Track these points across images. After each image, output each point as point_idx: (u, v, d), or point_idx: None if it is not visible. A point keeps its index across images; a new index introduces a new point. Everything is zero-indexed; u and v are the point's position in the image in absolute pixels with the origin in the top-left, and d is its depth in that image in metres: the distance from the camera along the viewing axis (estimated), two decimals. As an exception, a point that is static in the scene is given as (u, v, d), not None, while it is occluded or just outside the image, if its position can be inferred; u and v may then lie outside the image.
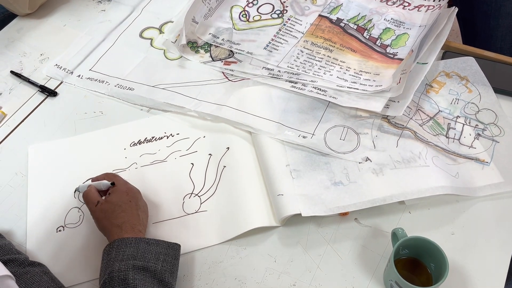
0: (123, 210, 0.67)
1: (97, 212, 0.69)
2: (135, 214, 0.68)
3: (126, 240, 0.63)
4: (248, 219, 0.72)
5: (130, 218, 0.67)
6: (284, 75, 0.88)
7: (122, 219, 0.67)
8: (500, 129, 0.81)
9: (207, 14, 0.99)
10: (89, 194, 0.70)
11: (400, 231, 0.65)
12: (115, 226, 0.66)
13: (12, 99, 0.92)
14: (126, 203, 0.68)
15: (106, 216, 0.67)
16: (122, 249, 0.62)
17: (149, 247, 0.64)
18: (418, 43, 0.87)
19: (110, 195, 0.70)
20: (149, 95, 0.89)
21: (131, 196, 0.70)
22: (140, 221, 0.68)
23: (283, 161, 0.76)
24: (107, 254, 0.64)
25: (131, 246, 0.63)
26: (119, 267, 0.60)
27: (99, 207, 0.68)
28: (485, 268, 0.67)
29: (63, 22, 1.05)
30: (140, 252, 0.63)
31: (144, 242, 0.64)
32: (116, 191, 0.70)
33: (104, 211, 0.68)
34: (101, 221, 0.68)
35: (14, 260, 0.65)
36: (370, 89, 0.83)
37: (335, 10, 0.99)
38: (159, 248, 0.64)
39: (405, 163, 0.75)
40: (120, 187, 0.71)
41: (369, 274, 0.68)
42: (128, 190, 0.70)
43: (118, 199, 0.68)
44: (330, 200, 0.71)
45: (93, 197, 0.70)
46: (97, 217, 0.69)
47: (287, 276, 0.68)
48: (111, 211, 0.67)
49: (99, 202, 0.69)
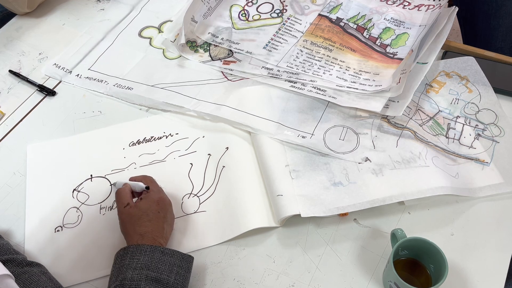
0: (150, 220, 0.66)
1: (124, 214, 0.67)
2: (160, 226, 0.66)
3: (141, 248, 0.62)
4: (247, 220, 0.71)
5: (154, 229, 0.65)
6: (284, 75, 0.88)
7: (146, 228, 0.65)
8: (500, 129, 0.80)
9: (207, 13, 0.99)
10: (122, 193, 0.69)
11: (400, 232, 0.64)
12: (138, 234, 0.65)
13: (11, 98, 0.92)
14: (154, 213, 0.67)
15: (132, 221, 0.66)
16: (137, 257, 0.61)
17: (163, 257, 0.62)
18: (418, 43, 0.87)
19: (141, 200, 0.68)
20: (148, 94, 0.88)
21: (161, 206, 0.68)
22: (164, 234, 0.67)
23: (282, 161, 0.76)
24: (120, 259, 0.62)
25: (145, 255, 0.62)
26: (131, 276, 0.60)
27: (127, 210, 0.67)
28: (485, 269, 0.67)
29: (62, 21, 1.05)
30: (154, 262, 0.61)
31: (159, 252, 0.62)
32: (148, 198, 0.68)
33: (131, 215, 0.67)
34: (125, 225, 0.67)
35: (12, 260, 0.65)
36: (370, 89, 0.83)
37: (335, 9, 0.98)
38: (174, 259, 0.63)
39: (404, 164, 0.75)
40: (153, 194, 0.69)
41: (368, 275, 0.68)
42: (159, 200, 0.69)
43: (147, 206, 0.67)
44: (329, 200, 0.71)
45: (125, 198, 0.68)
46: (123, 219, 0.67)
47: (286, 277, 0.68)
48: (137, 217, 0.66)
49: (128, 204, 0.68)
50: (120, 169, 0.80)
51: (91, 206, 0.76)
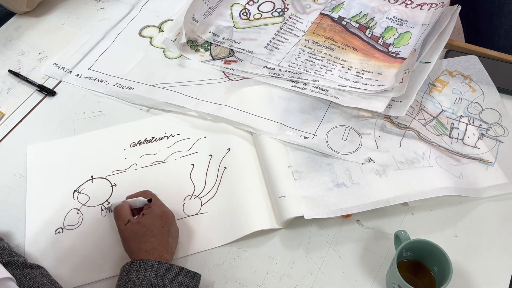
0: (154, 235, 0.64)
1: (126, 232, 0.65)
2: (165, 241, 0.65)
3: (148, 263, 0.61)
4: (250, 222, 0.71)
5: (159, 245, 0.64)
6: (285, 75, 0.87)
7: (151, 244, 0.64)
8: (504, 129, 0.80)
9: (207, 12, 0.98)
10: (121, 210, 0.67)
11: (403, 233, 0.64)
12: (143, 251, 0.63)
13: (10, 99, 0.91)
14: (158, 228, 0.65)
15: (135, 238, 0.64)
16: (143, 273, 0.60)
17: (170, 275, 0.61)
18: (421, 42, 0.86)
19: (144, 216, 0.66)
20: (148, 94, 0.88)
21: (164, 220, 0.66)
22: (169, 249, 0.65)
23: (285, 162, 0.75)
24: (126, 274, 0.61)
25: (152, 271, 0.60)
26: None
27: (129, 227, 0.65)
28: (489, 270, 0.67)
29: (61, 20, 1.04)
30: (161, 279, 0.60)
31: (166, 269, 0.61)
32: (151, 213, 0.66)
33: (134, 232, 0.65)
34: (129, 243, 0.65)
35: (12, 262, 0.65)
36: (372, 89, 0.82)
37: (336, 8, 0.98)
38: (181, 277, 0.62)
39: (408, 164, 0.74)
40: (155, 209, 0.67)
41: (371, 277, 0.67)
42: (162, 214, 0.67)
43: (151, 222, 0.65)
44: (332, 202, 0.70)
45: (124, 215, 0.66)
46: (125, 237, 0.66)
47: (289, 279, 0.68)
48: (141, 234, 0.64)
49: (129, 221, 0.66)
50: (121, 170, 0.80)
51: (92, 208, 0.76)
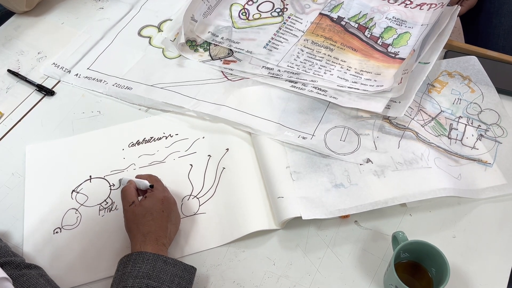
0: (153, 219, 0.65)
1: (128, 213, 0.67)
2: (163, 226, 0.66)
3: (144, 255, 0.62)
4: (248, 222, 0.71)
5: (158, 229, 0.65)
6: (284, 75, 0.87)
7: (149, 227, 0.65)
8: (503, 130, 0.80)
9: (206, 12, 0.98)
10: (127, 191, 0.69)
11: (401, 234, 0.64)
12: (140, 233, 0.64)
13: (9, 98, 0.91)
14: (158, 212, 0.66)
15: (135, 219, 0.66)
16: (139, 265, 0.61)
17: (165, 267, 0.62)
18: (420, 42, 0.86)
19: (146, 199, 0.68)
20: (147, 94, 0.88)
21: (165, 205, 0.68)
22: (167, 234, 0.66)
23: (283, 163, 0.75)
24: (123, 266, 0.62)
25: (148, 263, 0.61)
26: (132, 284, 0.59)
27: (132, 208, 0.67)
28: (487, 271, 0.67)
29: (61, 20, 1.04)
30: (156, 271, 0.61)
31: (161, 261, 0.62)
32: (152, 196, 0.68)
33: (134, 214, 0.66)
34: (129, 223, 0.67)
35: (10, 262, 0.65)
36: (371, 89, 0.82)
37: (336, 8, 0.97)
38: (176, 270, 0.62)
39: (407, 165, 0.74)
40: (157, 193, 0.69)
41: (369, 278, 0.67)
42: (164, 199, 0.68)
43: (151, 205, 0.67)
44: (331, 202, 0.70)
45: (130, 196, 0.68)
46: (127, 217, 0.67)
47: (286, 280, 0.68)
48: (141, 215, 0.66)
49: (134, 203, 0.68)
50: (119, 170, 0.80)
51: (90, 208, 0.76)
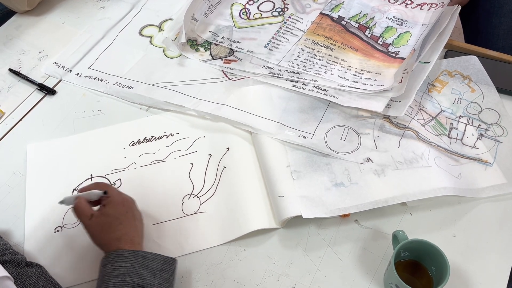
0: (121, 223, 0.65)
1: (92, 227, 0.65)
2: (132, 225, 0.66)
3: (122, 253, 0.61)
4: (248, 221, 0.71)
5: (129, 231, 0.65)
6: (285, 74, 0.87)
7: (120, 232, 0.64)
8: (503, 129, 0.80)
9: (207, 12, 0.98)
10: (81, 207, 0.65)
11: (401, 233, 0.64)
12: (114, 239, 0.63)
13: (10, 97, 0.91)
14: (123, 215, 0.65)
15: (104, 230, 0.64)
16: (118, 263, 0.60)
17: (145, 262, 0.61)
18: (420, 42, 0.86)
19: (106, 207, 0.66)
20: (148, 93, 0.88)
21: (127, 207, 0.67)
22: (138, 232, 0.66)
23: (283, 162, 0.75)
24: (103, 267, 0.61)
25: (127, 261, 0.60)
26: (114, 284, 0.58)
27: (94, 221, 0.65)
28: (487, 271, 0.67)
29: (62, 19, 1.04)
30: (137, 267, 0.60)
31: (141, 256, 0.62)
32: (112, 202, 0.66)
33: (100, 224, 0.64)
34: (98, 236, 0.65)
35: (11, 261, 0.65)
36: (372, 89, 0.82)
37: (336, 8, 0.98)
38: (156, 263, 0.62)
39: (407, 164, 0.74)
40: (115, 197, 0.67)
41: (369, 277, 0.67)
42: (123, 201, 0.67)
43: (114, 211, 0.65)
44: (331, 201, 0.71)
45: (86, 210, 0.65)
46: (92, 231, 0.65)
47: (287, 278, 0.68)
48: (108, 224, 0.64)
49: (93, 216, 0.65)
50: (120, 169, 0.80)
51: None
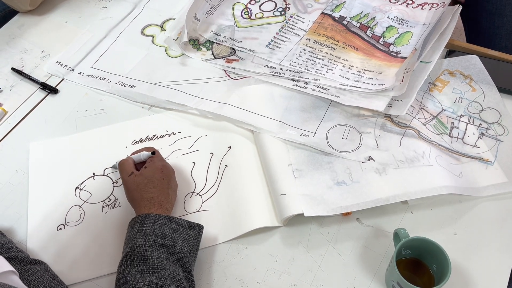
0: (155, 186, 0.69)
1: (129, 183, 0.70)
2: (165, 192, 0.69)
3: (150, 217, 0.65)
4: (250, 219, 0.71)
5: (160, 195, 0.68)
6: (286, 73, 0.87)
7: (152, 194, 0.68)
8: (504, 129, 0.80)
9: (209, 12, 0.98)
10: (125, 163, 0.72)
11: (403, 231, 0.64)
12: (145, 199, 0.68)
13: (13, 96, 0.92)
14: (159, 180, 0.69)
15: (138, 188, 0.69)
16: (145, 225, 0.64)
17: (171, 225, 0.65)
18: (421, 42, 0.86)
19: (145, 169, 0.71)
20: (150, 92, 0.88)
21: (165, 173, 0.71)
22: (169, 199, 0.70)
23: (285, 161, 0.75)
24: (131, 228, 0.65)
25: (154, 223, 0.64)
26: (140, 242, 0.62)
27: (132, 178, 0.70)
28: (488, 269, 0.67)
29: (64, 19, 1.05)
30: (162, 229, 0.64)
31: (167, 220, 0.65)
32: (152, 165, 0.71)
33: (136, 183, 0.69)
34: (132, 192, 0.69)
35: (15, 258, 0.65)
36: (373, 88, 0.83)
37: (338, 8, 0.98)
38: (181, 227, 0.65)
39: (408, 163, 0.74)
40: (156, 162, 0.72)
41: (370, 275, 0.67)
42: (163, 168, 0.71)
43: (152, 174, 0.70)
44: (332, 200, 0.71)
45: (128, 167, 0.71)
46: (128, 187, 0.70)
47: (288, 276, 0.68)
48: (143, 184, 0.69)
49: (133, 173, 0.70)
50: (122, 167, 0.80)
51: (93, 204, 0.76)
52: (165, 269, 0.60)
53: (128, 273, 0.61)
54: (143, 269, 0.60)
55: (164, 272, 0.60)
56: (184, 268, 0.63)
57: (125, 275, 0.60)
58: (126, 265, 0.62)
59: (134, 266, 0.61)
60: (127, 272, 0.61)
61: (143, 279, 0.59)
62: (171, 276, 0.60)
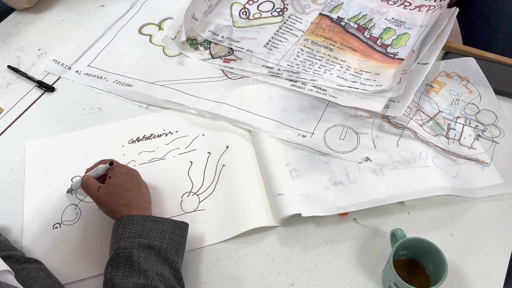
0: (127, 190, 0.68)
1: (101, 197, 0.69)
2: (139, 193, 0.69)
3: (133, 218, 0.64)
4: (247, 219, 0.71)
5: (136, 197, 0.68)
6: (284, 74, 0.88)
7: (128, 198, 0.67)
8: (500, 130, 0.81)
9: (207, 11, 0.98)
10: (87, 181, 0.70)
11: (399, 231, 0.64)
12: (123, 205, 0.67)
13: (9, 94, 0.91)
14: (129, 183, 0.69)
15: (112, 198, 0.68)
16: (129, 226, 0.64)
17: (155, 225, 0.65)
18: (419, 43, 0.87)
19: (111, 178, 0.70)
20: (147, 91, 0.88)
21: (132, 175, 0.70)
22: (145, 199, 0.69)
23: (283, 161, 0.76)
24: (115, 230, 0.65)
25: (137, 224, 0.64)
26: (125, 244, 0.62)
27: (102, 192, 0.69)
28: (484, 269, 0.67)
29: (61, 17, 1.04)
30: (146, 230, 0.64)
31: (150, 220, 0.65)
32: (116, 173, 0.70)
33: (108, 194, 0.68)
34: (107, 204, 0.68)
35: (10, 256, 0.65)
36: (370, 89, 0.83)
37: (335, 9, 0.98)
38: (165, 226, 0.65)
39: (405, 164, 0.75)
40: (119, 169, 0.71)
41: (367, 275, 0.68)
42: (127, 171, 0.71)
43: (119, 180, 0.69)
44: (330, 200, 0.71)
45: (93, 184, 0.70)
46: (101, 201, 0.69)
47: (285, 276, 0.68)
48: (115, 192, 0.68)
49: (100, 187, 0.69)
50: (119, 166, 0.80)
51: (89, 203, 0.76)
52: (152, 269, 0.60)
53: (115, 275, 0.60)
54: (130, 270, 0.60)
55: (151, 273, 0.59)
56: (171, 267, 0.63)
57: (112, 278, 0.60)
58: (112, 268, 0.61)
59: (120, 269, 0.60)
60: (114, 274, 0.60)
61: (131, 280, 0.59)
62: (159, 276, 0.60)
